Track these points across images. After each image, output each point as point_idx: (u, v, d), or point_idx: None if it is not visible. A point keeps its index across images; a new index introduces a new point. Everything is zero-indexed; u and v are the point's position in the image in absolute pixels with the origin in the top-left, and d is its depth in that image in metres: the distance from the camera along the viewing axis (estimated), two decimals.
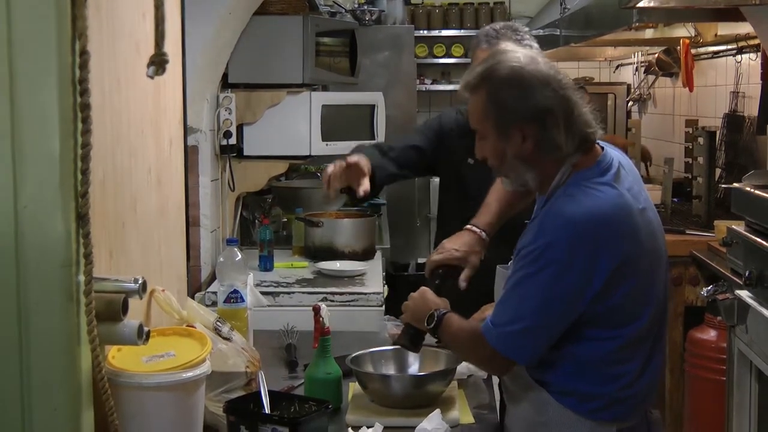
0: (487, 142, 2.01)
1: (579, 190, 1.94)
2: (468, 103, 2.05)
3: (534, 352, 1.96)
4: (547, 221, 1.94)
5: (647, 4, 3.56)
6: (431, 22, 7.18)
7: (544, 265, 1.90)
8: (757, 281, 2.92)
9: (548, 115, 1.93)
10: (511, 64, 1.96)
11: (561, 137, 1.94)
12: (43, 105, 1.56)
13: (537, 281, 1.90)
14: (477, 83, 1.99)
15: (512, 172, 2.02)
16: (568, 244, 1.89)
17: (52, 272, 1.58)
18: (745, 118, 4.60)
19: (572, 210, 1.91)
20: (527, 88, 1.93)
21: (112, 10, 1.88)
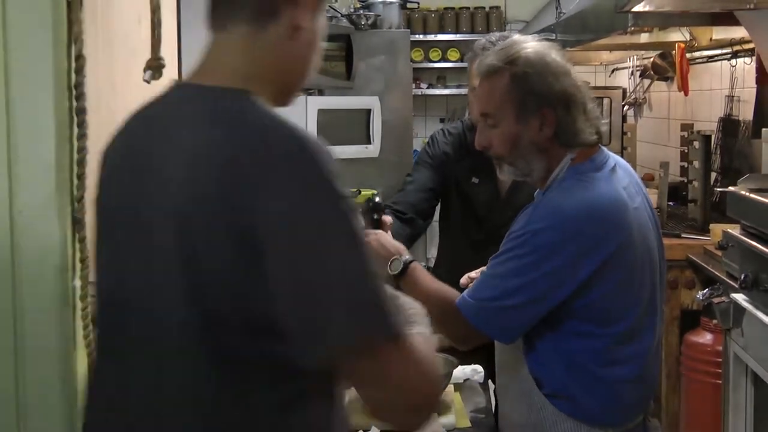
0: (498, 128, 1.99)
1: (574, 182, 1.95)
2: (480, 88, 2.03)
3: (509, 333, 1.97)
4: (540, 209, 1.94)
5: (642, 9, 3.56)
6: (427, 26, 7.18)
7: (531, 250, 1.90)
8: (752, 285, 2.93)
9: (571, 101, 1.95)
10: (537, 50, 1.97)
11: (581, 124, 1.95)
12: (39, 109, 1.56)
13: (522, 263, 1.90)
14: (499, 66, 1.97)
15: (521, 160, 1.99)
16: (558, 231, 1.88)
17: (48, 277, 1.58)
18: (740, 122, 4.61)
19: (565, 199, 1.92)
20: (553, 74, 1.94)
21: (108, 14, 1.88)
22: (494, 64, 1.97)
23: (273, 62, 1.33)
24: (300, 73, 1.39)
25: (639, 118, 6.81)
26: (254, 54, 1.32)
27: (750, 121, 4.40)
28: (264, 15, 1.31)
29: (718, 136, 4.76)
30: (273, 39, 1.32)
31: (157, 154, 1.28)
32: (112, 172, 1.38)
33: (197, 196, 1.19)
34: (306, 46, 1.36)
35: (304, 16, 1.33)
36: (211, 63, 1.34)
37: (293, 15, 1.32)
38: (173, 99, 1.33)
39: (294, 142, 1.20)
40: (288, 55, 1.34)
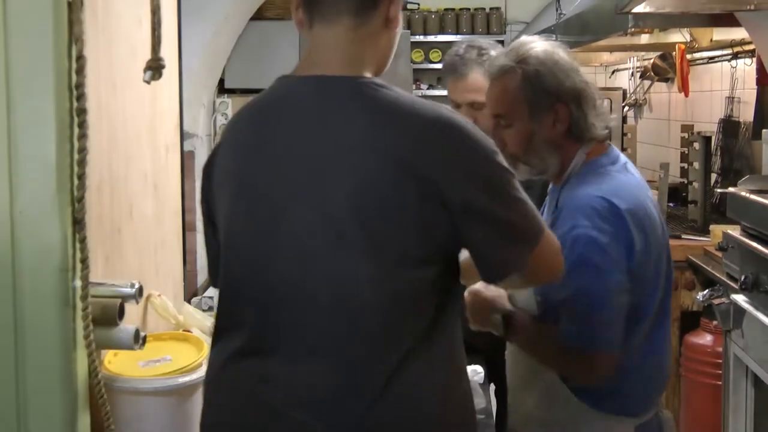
0: (513, 128, 2.00)
1: (597, 176, 1.96)
2: (491, 90, 2.04)
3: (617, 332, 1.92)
4: (573, 206, 1.92)
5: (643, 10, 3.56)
6: (427, 27, 7.19)
7: (586, 250, 1.87)
8: (752, 286, 2.93)
9: (582, 97, 1.97)
10: (546, 49, 2.00)
11: (593, 119, 1.98)
12: (40, 109, 1.56)
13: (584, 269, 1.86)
14: (510, 66, 1.99)
15: (536, 157, 2.00)
16: (601, 220, 1.88)
17: (48, 277, 1.58)
18: (740, 123, 4.61)
19: (597, 191, 1.91)
20: (563, 70, 1.97)
21: (109, 15, 1.88)
22: (505, 64, 2.00)
23: (373, 49, 1.51)
24: (388, 57, 1.57)
25: (639, 119, 6.81)
26: (360, 43, 1.49)
27: (750, 123, 4.40)
28: (367, 8, 1.49)
29: (719, 137, 4.76)
30: (372, 29, 1.50)
31: (315, 143, 1.44)
32: (247, 163, 1.49)
33: (378, 176, 1.40)
34: (395, 35, 1.56)
35: (397, 11, 1.53)
36: (325, 56, 1.49)
37: (389, 7, 1.51)
38: (307, 90, 1.47)
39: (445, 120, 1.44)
40: (383, 43, 1.53)
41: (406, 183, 1.40)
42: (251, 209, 1.49)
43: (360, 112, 1.43)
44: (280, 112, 1.49)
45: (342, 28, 1.48)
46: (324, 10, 1.49)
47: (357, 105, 1.43)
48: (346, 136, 1.42)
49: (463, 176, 1.42)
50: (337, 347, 1.43)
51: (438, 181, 1.40)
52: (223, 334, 1.53)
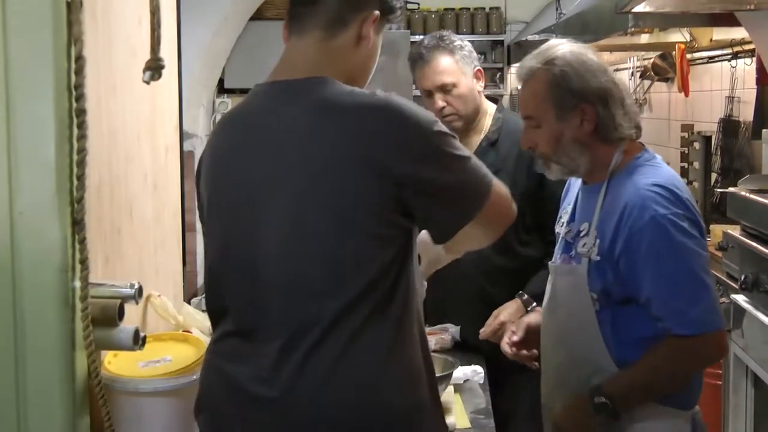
0: (542, 128, 2.05)
1: (646, 169, 2.01)
2: (521, 92, 2.10)
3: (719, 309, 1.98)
4: (636, 198, 1.95)
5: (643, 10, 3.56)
6: (427, 27, 7.19)
7: (666, 234, 1.91)
8: (752, 286, 2.93)
9: (609, 97, 2.01)
10: (572, 50, 2.04)
11: (620, 118, 2.02)
12: (39, 110, 1.56)
13: (673, 251, 1.91)
14: (537, 67, 2.04)
15: (566, 157, 2.05)
16: (672, 204, 1.93)
17: (48, 278, 1.58)
18: (740, 122, 4.61)
19: (653, 181, 1.96)
20: (590, 71, 2.01)
21: (108, 15, 1.88)
22: (533, 66, 2.05)
23: (341, 63, 1.64)
24: (359, 75, 1.70)
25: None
26: (326, 54, 1.64)
27: (750, 122, 4.40)
28: (336, 24, 1.64)
29: (719, 137, 4.76)
30: (341, 44, 1.65)
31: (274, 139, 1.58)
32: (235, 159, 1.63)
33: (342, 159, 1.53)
34: (367, 54, 1.69)
35: (368, 30, 1.66)
36: (293, 63, 1.66)
37: (360, 27, 1.65)
38: (272, 94, 1.64)
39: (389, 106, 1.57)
40: (356, 59, 1.67)
41: (358, 167, 1.52)
42: (223, 204, 1.65)
43: (311, 108, 1.57)
44: (247, 117, 1.67)
45: (312, 39, 1.64)
46: (300, 23, 1.65)
47: (309, 101, 1.57)
48: (300, 131, 1.56)
49: (409, 153, 1.54)
50: (293, 328, 1.54)
51: (386, 161, 1.52)
52: (212, 317, 1.71)
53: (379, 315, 1.55)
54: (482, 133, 2.81)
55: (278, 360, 1.55)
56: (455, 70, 2.74)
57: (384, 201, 1.54)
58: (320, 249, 1.54)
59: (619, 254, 1.95)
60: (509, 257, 2.76)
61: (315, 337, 1.53)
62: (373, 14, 1.66)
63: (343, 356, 1.53)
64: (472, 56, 2.81)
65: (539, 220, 2.78)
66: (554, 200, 2.76)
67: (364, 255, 1.54)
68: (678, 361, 1.96)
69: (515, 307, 2.71)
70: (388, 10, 1.70)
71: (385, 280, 1.55)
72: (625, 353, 1.99)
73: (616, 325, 2.00)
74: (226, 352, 1.63)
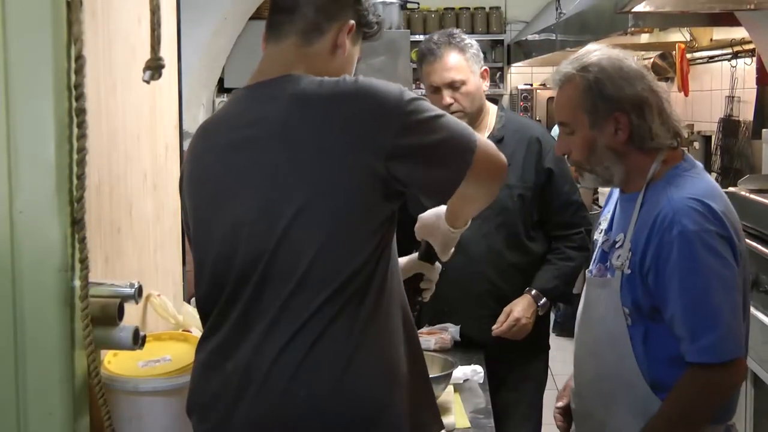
0: (575, 135, 2.02)
1: (683, 180, 1.95)
2: (557, 98, 2.07)
3: (743, 334, 1.91)
4: (669, 210, 1.90)
5: (643, 9, 3.56)
6: (427, 26, 7.19)
7: (691, 251, 1.85)
8: (752, 286, 2.93)
9: (645, 105, 1.97)
10: (609, 56, 2.01)
11: (657, 128, 1.97)
12: (39, 110, 1.56)
13: (697, 270, 1.86)
14: (572, 74, 2.01)
15: (600, 165, 2.01)
16: (705, 221, 1.87)
17: (48, 277, 1.58)
18: (740, 122, 4.62)
19: (690, 194, 1.91)
20: (626, 79, 1.97)
21: (108, 15, 1.88)
22: (568, 72, 2.02)
23: (315, 69, 1.66)
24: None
25: None
26: (301, 59, 1.68)
27: (750, 122, 4.40)
28: (313, 32, 1.68)
29: (718, 137, 4.76)
30: (316, 51, 1.69)
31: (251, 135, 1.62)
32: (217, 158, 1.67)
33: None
34: (342, 63, 1.72)
35: (344, 39, 1.71)
36: (268, 66, 1.70)
37: (336, 36, 1.70)
38: (247, 97, 1.69)
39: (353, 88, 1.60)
40: (332, 65, 1.70)
41: (338, 154, 1.55)
42: (204, 206, 1.68)
43: (285, 102, 1.60)
44: (223, 122, 1.71)
45: (288, 45, 1.69)
46: (277, 31, 1.70)
47: (281, 97, 1.61)
48: (276, 125, 1.60)
49: (387, 128, 1.56)
50: (270, 320, 1.57)
51: (366, 143, 1.55)
52: (201, 318, 1.73)
53: (354, 307, 1.56)
54: (487, 131, 2.82)
55: (255, 354, 1.58)
56: (465, 68, 2.75)
57: (367, 184, 1.56)
58: (300, 241, 1.56)
59: (648, 268, 1.92)
60: (520, 253, 2.78)
61: (293, 329, 1.55)
62: (349, 23, 1.71)
63: (311, 350, 1.55)
64: (480, 55, 2.83)
65: (544, 216, 2.80)
66: (561, 197, 2.77)
67: (348, 245, 1.56)
68: (702, 395, 1.90)
69: (526, 303, 2.72)
70: (364, 22, 1.75)
71: (363, 270, 1.57)
72: (657, 372, 1.95)
73: (647, 341, 1.96)
74: (211, 349, 1.66)
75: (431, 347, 2.63)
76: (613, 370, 2.01)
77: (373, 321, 1.59)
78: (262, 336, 1.58)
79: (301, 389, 1.55)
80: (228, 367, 1.61)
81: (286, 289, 1.56)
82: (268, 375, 1.56)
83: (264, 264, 1.58)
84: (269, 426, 1.57)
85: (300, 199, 1.56)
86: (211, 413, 1.64)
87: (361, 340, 1.56)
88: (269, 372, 1.56)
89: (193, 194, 1.72)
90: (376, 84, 1.60)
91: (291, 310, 1.56)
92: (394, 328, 1.65)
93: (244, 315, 1.61)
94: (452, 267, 2.65)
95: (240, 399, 1.59)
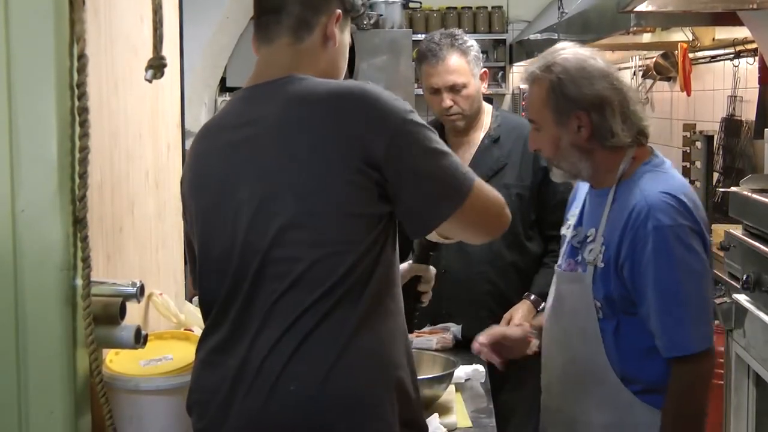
0: (543, 132, 2.08)
1: (655, 175, 2.02)
2: (527, 96, 2.14)
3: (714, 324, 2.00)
4: (642, 204, 1.96)
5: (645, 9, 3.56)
6: (429, 26, 7.19)
7: (666, 246, 1.92)
8: (754, 285, 2.93)
9: (606, 105, 2.02)
10: (576, 56, 2.06)
11: (617, 127, 2.02)
12: (41, 108, 1.56)
13: (672, 265, 1.92)
14: (538, 74, 2.07)
15: (566, 161, 2.08)
16: (678, 214, 1.94)
17: (50, 276, 1.58)
18: (742, 122, 4.61)
19: (661, 189, 1.97)
20: (587, 78, 2.03)
21: (111, 13, 1.88)
22: (534, 72, 2.09)
23: (311, 64, 1.68)
24: (332, 74, 1.74)
25: None
26: (296, 58, 1.69)
27: (752, 122, 4.39)
28: (301, 28, 1.69)
29: (721, 137, 4.76)
30: (309, 47, 1.70)
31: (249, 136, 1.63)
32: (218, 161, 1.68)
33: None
34: (335, 53, 1.73)
35: (333, 30, 1.71)
36: (264, 69, 1.71)
37: (325, 28, 1.70)
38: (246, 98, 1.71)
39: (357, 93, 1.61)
40: (325, 58, 1.72)
41: (337, 151, 1.56)
42: (206, 205, 1.69)
43: (285, 102, 1.61)
44: (224, 122, 1.73)
45: (280, 46, 1.70)
46: (266, 32, 1.72)
47: (282, 96, 1.62)
48: (277, 124, 1.61)
49: (384, 132, 1.56)
50: (264, 316, 1.58)
51: (364, 142, 1.55)
52: (203, 316, 1.74)
53: (349, 304, 1.57)
54: (483, 130, 2.82)
55: (249, 351, 1.59)
56: (467, 71, 2.75)
57: (361, 185, 1.56)
58: (295, 240, 1.57)
59: (623, 261, 1.96)
60: (519, 252, 2.78)
61: (286, 324, 1.56)
62: (336, 13, 1.71)
63: (302, 345, 1.56)
64: (480, 57, 2.83)
65: (541, 215, 2.80)
66: (556, 195, 2.77)
67: (342, 244, 1.57)
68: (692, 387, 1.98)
69: (526, 309, 2.72)
70: (350, 7, 1.75)
71: (358, 269, 1.57)
72: (627, 365, 2.00)
73: (619, 334, 2.01)
74: (211, 347, 1.67)
75: (433, 347, 2.63)
76: (583, 364, 2.06)
77: (370, 319, 1.59)
78: (256, 332, 1.59)
79: (291, 383, 1.55)
80: (227, 364, 1.62)
81: (280, 287, 1.57)
82: (260, 370, 1.57)
83: (259, 262, 1.58)
84: (261, 420, 1.57)
85: (295, 198, 1.57)
86: (209, 409, 1.64)
87: (354, 336, 1.57)
88: (261, 367, 1.57)
89: (195, 195, 1.72)
90: (384, 93, 1.61)
91: (285, 306, 1.57)
92: (394, 328, 1.65)
93: (241, 313, 1.62)
94: (453, 269, 2.65)
95: (235, 394, 1.60)
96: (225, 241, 1.64)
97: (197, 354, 1.71)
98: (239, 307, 1.62)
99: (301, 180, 1.57)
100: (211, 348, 1.67)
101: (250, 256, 1.60)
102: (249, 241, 1.60)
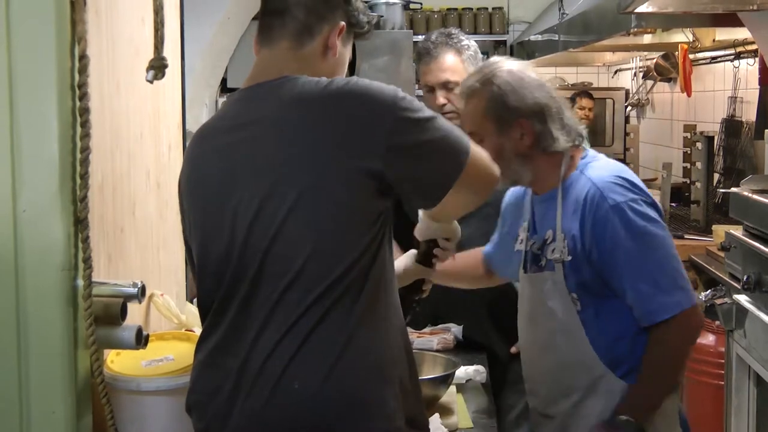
0: (484, 143, 2.08)
1: (596, 163, 2.13)
2: (464, 109, 2.18)
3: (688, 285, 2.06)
4: (594, 190, 2.04)
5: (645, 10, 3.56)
6: (430, 27, 7.18)
7: (626, 220, 2.00)
8: (755, 286, 2.93)
9: (545, 112, 2.12)
10: (509, 68, 2.15)
11: (557, 132, 2.11)
12: (42, 109, 1.57)
13: (636, 237, 2.00)
14: (478, 87, 2.15)
15: (508, 169, 2.11)
16: (629, 191, 2.03)
17: (51, 276, 1.58)
18: (743, 123, 4.61)
19: (606, 173, 2.07)
20: (527, 88, 2.12)
21: (112, 14, 1.88)
22: (472, 85, 2.16)
23: (308, 71, 1.68)
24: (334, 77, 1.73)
25: (642, 119, 6.81)
26: (294, 62, 1.70)
27: (753, 122, 4.40)
28: (304, 34, 1.71)
29: (721, 137, 4.76)
30: (308, 53, 1.71)
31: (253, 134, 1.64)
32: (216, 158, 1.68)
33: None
34: (334, 63, 1.75)
35: (334, 40, 1.73)
36: (262, 70, 1.72)
37: (327, 37, 1.72)
38: (243, 99, 1.71)
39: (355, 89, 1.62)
40: (324, 66, 1.72)
41: (335, 150, 1.57)
42: (203, 207, 1.68)
43: (282, 103, 1.63)
44: (220, 124, 1.73)
45: (280, 49, 1.71)
46: (269, 35, 1.72)
47: (279, 97, 1.64)
48: (274, 125, 1.62)
49: (382, 126, 1.58)
50: (265, 316, 1.58)
51: (363, 140, 1.57)
52: (201, 316, 1.73)
53: (348, 302, 1.57)
54: None
55: (251, 350, 1.59)
56: (460, 69, 2.75)
57: (360, 182, 1.58)
58: (294, 238, 1.57)
59: (590, 247, 2.04)
60: None
61: (288, 323, 1.57)
62: (339, 25, 1.73)
63: (304, 343, 1.56)
64: (477, 56, 2.83)
65: None
66: None
67: (341, 242, 1.58)
68: (670, 348, 2.03)
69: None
70: (355, 22, 1.77)
71: (357, 266, 1.58)
72: (612, 349, 2.06)
73: (600, 322, 2.06)
74: (210, 348, 1.67)
75: (434, 347, 2.63)
76: (569, 358, 2.10)
77: (370, 316, 1.60)
78: (258, 332, 1.59)
79: (294, 382, 1.56)
80: (227, 364, 1.62)
81: (280, 286, 1.57)
82: (262, 369, 1.57)
83: (259, 262, 1.59)
84: (265, 419, 1.58)
85: (293, 197, 1.57)
86: (210, 409, 1.64)
87: (354, 334, 1.57)
88: (264, 366, 1.57)
89: (193, 197, 1.72)
90: (371, 84, 1.63)
91: (285, 305, 1.57)
92: (393, 325, 1.66)
93: (241, 313, 1.62)
94: None
95: (237, 394, 1.60)
96: (224, 242, 1.64)
97: (196, 355, 1.71)
98: (238, 308, 1.63)
99: (300, 179, 1.58)
100: (211, 348, 1.67)
101: (250, 257, 1.60)
102: (249, 242, 1.60)
